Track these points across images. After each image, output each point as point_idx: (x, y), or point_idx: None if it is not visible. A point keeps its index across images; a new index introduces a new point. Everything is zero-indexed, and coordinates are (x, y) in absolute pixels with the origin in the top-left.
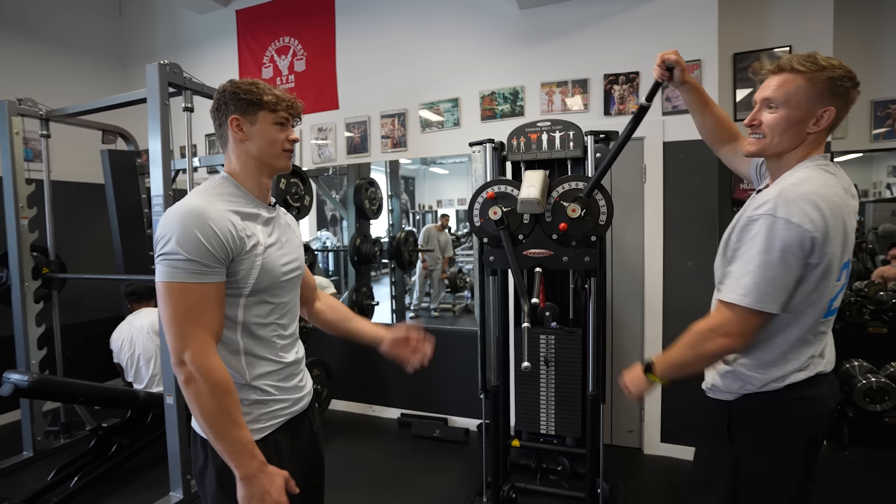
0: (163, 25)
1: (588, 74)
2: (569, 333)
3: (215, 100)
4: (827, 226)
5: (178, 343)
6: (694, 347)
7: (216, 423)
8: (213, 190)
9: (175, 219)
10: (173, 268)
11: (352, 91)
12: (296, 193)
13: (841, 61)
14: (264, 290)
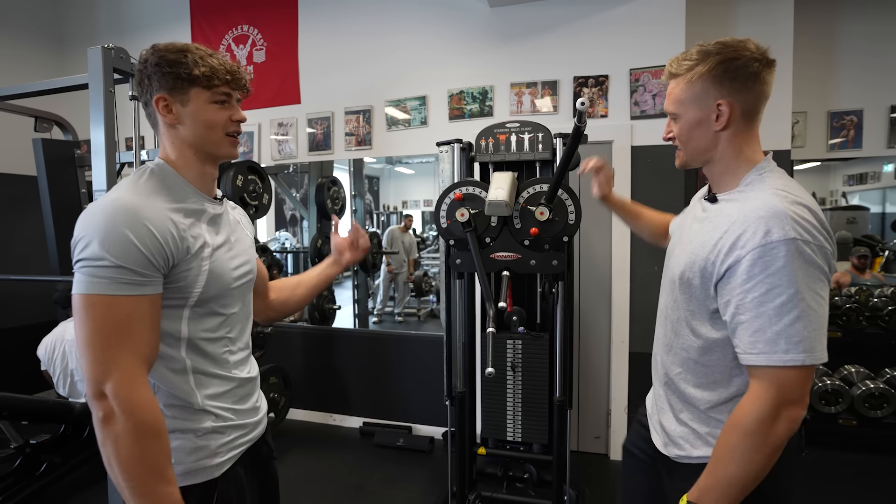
0: (106, 5)
1: (558, 76)
2: (536, 338)
3: (137, 72)
4: (831, 234)
5: (98, 370)
6: (763, 445)
7: (137, 476)
8: (146, 182)
9: (99, 216)
10: (96, 277)
11: (315, 85)
12: (253, 191)
13: (730, 42)
14: (212, 300)
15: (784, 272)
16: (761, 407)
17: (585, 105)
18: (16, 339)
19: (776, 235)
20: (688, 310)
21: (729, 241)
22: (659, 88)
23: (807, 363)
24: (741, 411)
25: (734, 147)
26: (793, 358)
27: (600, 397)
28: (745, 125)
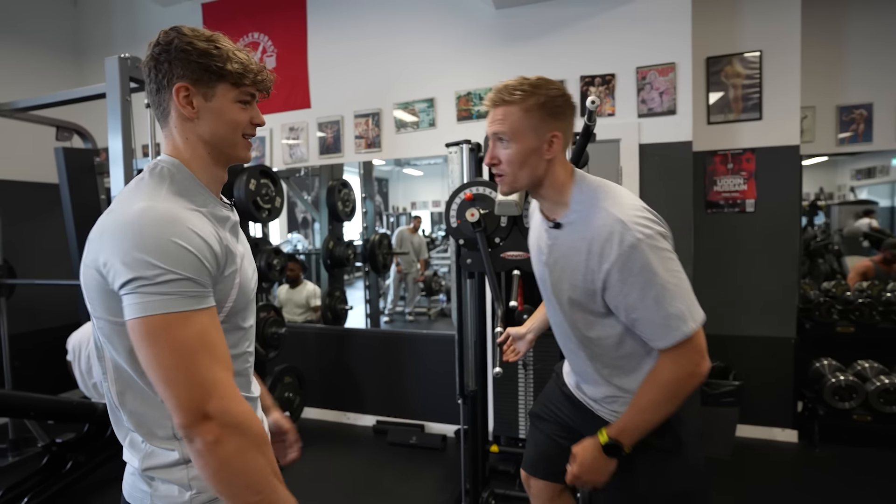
0: (122, 17)
1: (564, 76)
2: (547, 337)
3: (153, 53)
4: (660, 217)
5: (196, 392)
6: (675, 397)
7: (266, 486)
8: (170, 187)
9: (137, 230)
10: (163, 294)
11: (324, 90)
12: (266, 195)
13: (549, 79)
14: (237, 314)
15: (646, 270)
16: (675, 370)
17: (596, 104)
18: (41, 340)
19: (627, 242)
20: (588, 322)
21: (595, 260)
22: (667, 86)
23: (695, 328)
24: (660, 372)
25: (557, 172)
26: (683, 332)
27: None
28: (564, 154)
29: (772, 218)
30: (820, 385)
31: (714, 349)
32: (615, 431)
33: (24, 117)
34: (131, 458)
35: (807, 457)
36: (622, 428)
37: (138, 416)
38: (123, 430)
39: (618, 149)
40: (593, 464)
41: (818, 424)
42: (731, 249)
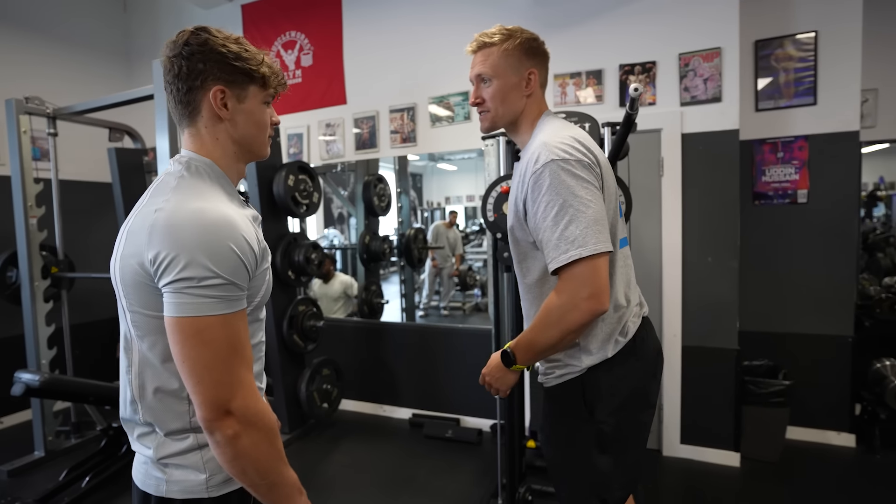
0: (167, 21)
1: (603, 65)
2: None
3: (184, 53)
4: (594, 153)
5: (223, 391)
6: (556, 323)
7: (274, 472)
8: (211, 186)
9: (194, 229)
10: (208, 297)
11: (360, 86)
12: (304, 190)
13: (521, 27)
14: (260, 307)
15: (551, 189)
16: (560, 296)
17: (639, 91)
18: (97, 331)
19: (542, 161)
20: (519, 254)
21: (520, 182)
22: (711, 72)
23: (583, 255)
24: (550, 297)
25: (534, 110)
26: (570, 255)
27: None
28: (540, 93)
29: (827, 209)
30: (881, 387)
31: (762, 346)
32: (513, 343)
33: (80, 120)
34: (143, 448)
35: (866, 463)
36: (517, 341)
37: (156, 410)
38: (134, 423)
39: (659, 139)
40: (495, 370)
41: (879, 429)
42: (780, 243)
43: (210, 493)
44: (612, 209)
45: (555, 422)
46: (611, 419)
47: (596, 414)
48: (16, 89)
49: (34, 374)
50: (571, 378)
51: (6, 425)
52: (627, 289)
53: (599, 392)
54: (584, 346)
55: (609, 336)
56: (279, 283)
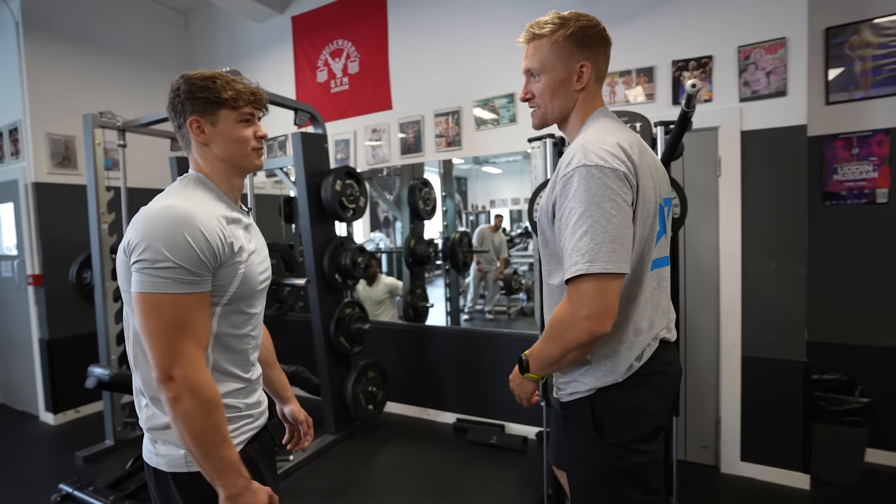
0: (223, 36)
1: (654, 62)
2: None
3: (170, 99)
4: (633, 161)
5: (167, 359)
6: (558, 338)
7: (206, 443)
8: (193, 191)
9: (159, 221)
10: (160, 277)
11: (405, 90)
12: (350, 195)
13: (582, 13)
14: (241, 300)
15: (577, 195)
16: (562, 311)
17: (697, 87)
18: None
19: (573, 165)
20: (547, 254)
21: (553, 181)
22: (775, 64)
23: (589, 272)
24: (557, 308)
25: (586, 106)
26: (577, 269)
27: (708, 404)
28: (595, 87)
29: None
30: None
31: (832, 359)
32: (528, 351)
33: (146, 132)
34: (140, 418)
35: None
36: (531, 350)
37: (146, 378)
38: (138, 394)
39: (716, 137)
40: (515, 376)
41: None
42: (856, 246)
43: (189, 468)
44: (648, 228)
45: (568, 436)
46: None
47: (605, 437)
48: (91, 105)
49: (105, 369)
50: (581, 397)
51: (83, 414)
52: (654, 313)
53: (609, 415)
54: (595, 365)
55: (623, 360)
56: (325, 286)
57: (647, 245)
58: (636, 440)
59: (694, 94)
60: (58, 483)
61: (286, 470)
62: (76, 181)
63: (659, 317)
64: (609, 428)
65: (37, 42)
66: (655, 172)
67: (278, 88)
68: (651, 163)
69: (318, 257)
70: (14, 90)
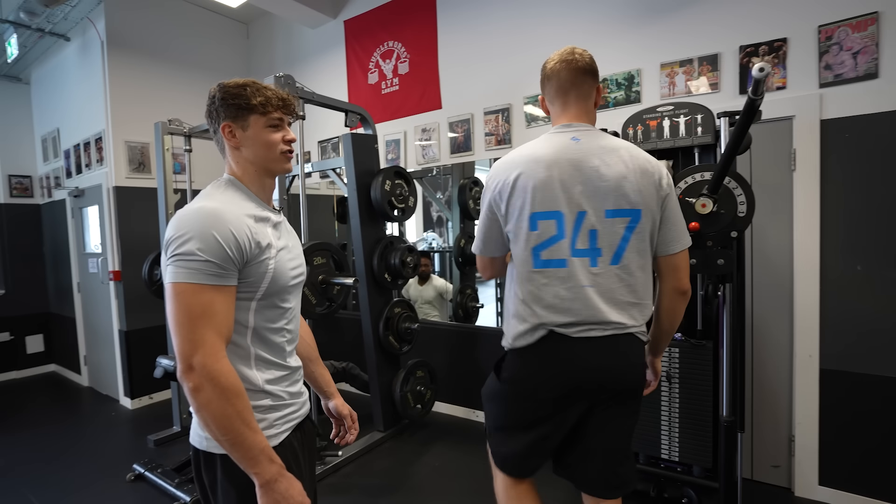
0: (281, 43)
1: (719, 48)
2: (697, 346)
3: (207, 106)
4: (511, 176)
5: (188, 346)
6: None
7: (231, 430)
8: (223, 193)
9: (191, 220)
10: (188, 268)
11: (455, 89)
12: (400, 195)
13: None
14: (275, 294)
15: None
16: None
17: (765, 71)
18: None
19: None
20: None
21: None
22: (864, 44)
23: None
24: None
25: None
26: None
27: (780, 420)
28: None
29: None
30: None
31: None
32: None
33: (209, 137)
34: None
35: None
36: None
37: None
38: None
39: (790, 128)
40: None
41: None
42: None
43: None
44: (524, 229)
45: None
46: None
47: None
48: (162, 113)
49: (171, 360)
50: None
51: (155, 401)
52: (537, 304)
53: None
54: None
55: (513, 335)
56: (375, 285)
57: (521, 243)
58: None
59: (762, 78)
60: (132, 463)
61: (335, 465)
62: (149, 184)
63: (548, 312)
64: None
65: (117, 58)
66: (536, 185)
67: (331, 91)
68: (535, 174)
69: (367, 257)
70: (99, 103)
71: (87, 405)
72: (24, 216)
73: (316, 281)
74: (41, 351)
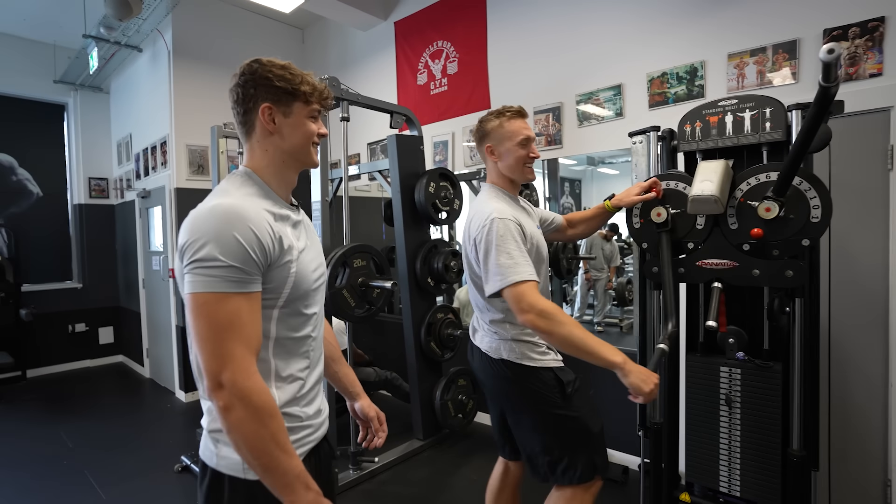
0: (334, 46)
1: (798, 34)
2: (762, 368)
3: (240, 82)
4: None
5: (215, 363)
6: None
7: (265, 454)
8: (240, 188)
9: (207, 220)
10: (209, 276)
11: (504, 88)
12: (445, 197)
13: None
14: (298, 300)
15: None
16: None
17: (836, 52)
18: None
19: None
20: None
21: None
22: None
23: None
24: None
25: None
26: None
27: (870, 459)
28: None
29: None
30: None
31: None
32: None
33: None
34: (204, 419)
35: None
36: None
37: None
38: (201, 397)
39: (886, 121)
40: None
41: None
42: None
43: (247, 475)
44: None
45: None
46: None
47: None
48: (219, 117)
49: None
50: None
51: None
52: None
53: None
54: None
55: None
56: (417, 290)
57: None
58: None
59: (832, 62)
60: (181, 454)
61: (371, 471)
62: (207, 186)
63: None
64: None
65: (181, 65)
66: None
67: (380, 93)
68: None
69: (410, 260)
70: (165, 108)
71: (147, 396)
72: (101, 216)
73: (355, 283)
74: (111, 342)
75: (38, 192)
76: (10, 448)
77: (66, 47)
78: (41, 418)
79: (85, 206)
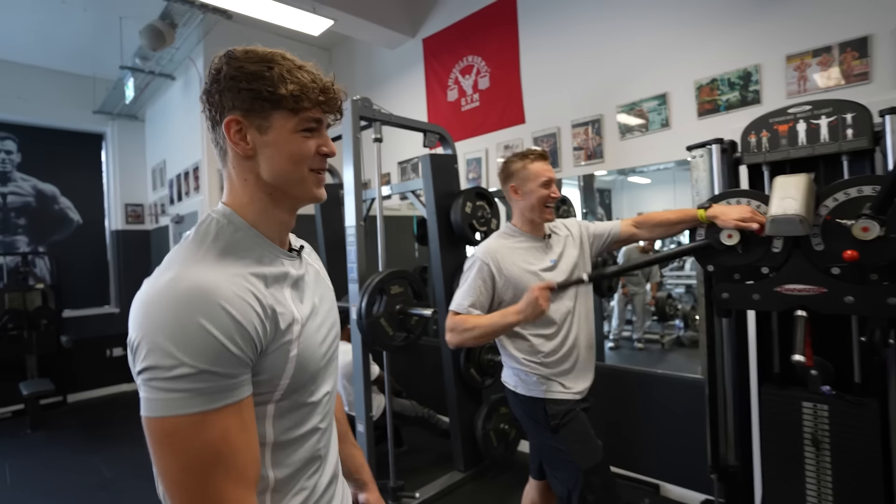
0: (362, 66)
1: (870, 29)
2: (855, 405)
3: (206, 86)
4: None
5: None
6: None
7: None
8: (212, 243)
9: (160, 305)
10: (174, 391)
11: (538, 102)
12: (482, 217)
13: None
14: (301, 388)
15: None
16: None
17: None
18: None
19: None
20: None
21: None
22: None
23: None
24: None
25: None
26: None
27: None
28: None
29: None
30: None
31: None
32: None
33: None
34: None
35: None
36: None
37: None
38: None
39: None
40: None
41: None
42: None
43: None
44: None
45: None
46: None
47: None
48: None
49: None
50: None
51: None
52: None
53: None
54: None
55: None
56: None
57: None
58: None
59: None
60: None
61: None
62: None
63: None
64: None
65: None
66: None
67: (409, 111)
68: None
69: (447, 283)
70: (196, 135)
71: None
72: (137, 241)
73: (393, 311)
74: None
75: (78, 220)
76: (56, 475)
77: (104, 79)
78: (81, 446)
79: (122, 233)
